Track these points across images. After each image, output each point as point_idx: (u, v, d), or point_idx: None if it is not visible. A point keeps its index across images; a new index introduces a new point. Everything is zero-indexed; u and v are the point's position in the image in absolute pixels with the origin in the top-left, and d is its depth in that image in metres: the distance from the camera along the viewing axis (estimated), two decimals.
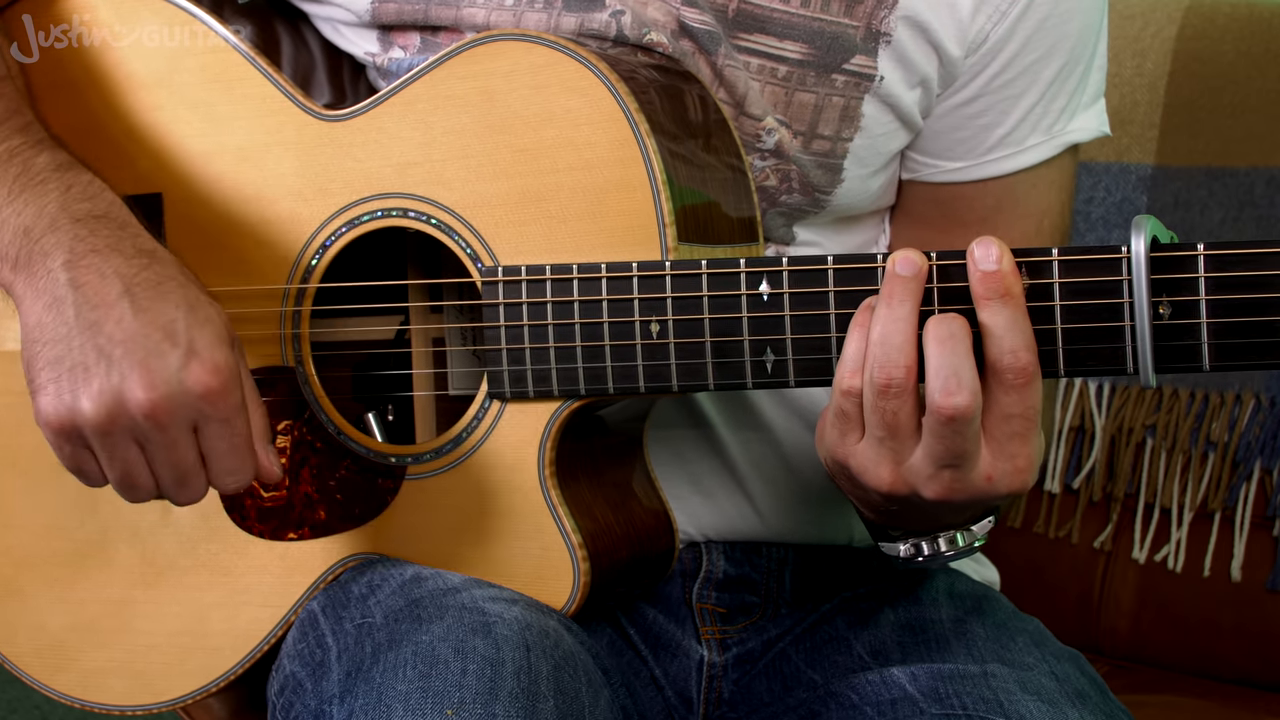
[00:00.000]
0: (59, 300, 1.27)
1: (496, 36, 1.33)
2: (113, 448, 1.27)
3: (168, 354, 1.26)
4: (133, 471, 1.29)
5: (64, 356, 1.26)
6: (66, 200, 1.31)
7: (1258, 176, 2.00)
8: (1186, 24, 2.06)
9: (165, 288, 1.28)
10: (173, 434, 1.26)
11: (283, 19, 1.52)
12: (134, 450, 1.28)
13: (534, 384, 1.33)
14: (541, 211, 1.32)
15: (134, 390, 1.25)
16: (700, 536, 1.53)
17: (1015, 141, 1.47)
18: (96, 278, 1.27)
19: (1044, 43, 1.43)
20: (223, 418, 1.27)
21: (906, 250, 1.21)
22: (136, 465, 1.28)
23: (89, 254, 1.28)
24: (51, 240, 1.29)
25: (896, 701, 1.34)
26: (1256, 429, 1.98)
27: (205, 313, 1.28)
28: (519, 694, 1.22)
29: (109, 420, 1.26)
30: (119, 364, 1.25)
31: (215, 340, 1.27)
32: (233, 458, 1.29)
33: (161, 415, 1.25)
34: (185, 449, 1.27)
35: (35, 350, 1.28)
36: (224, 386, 1.26)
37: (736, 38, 1.41)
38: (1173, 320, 1.17)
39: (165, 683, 1.49)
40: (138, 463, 1.28)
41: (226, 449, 1.28)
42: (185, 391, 1.25)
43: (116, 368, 1.25)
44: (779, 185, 1.44)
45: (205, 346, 1.26)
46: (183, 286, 1.29)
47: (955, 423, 1.18)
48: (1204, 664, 2.01)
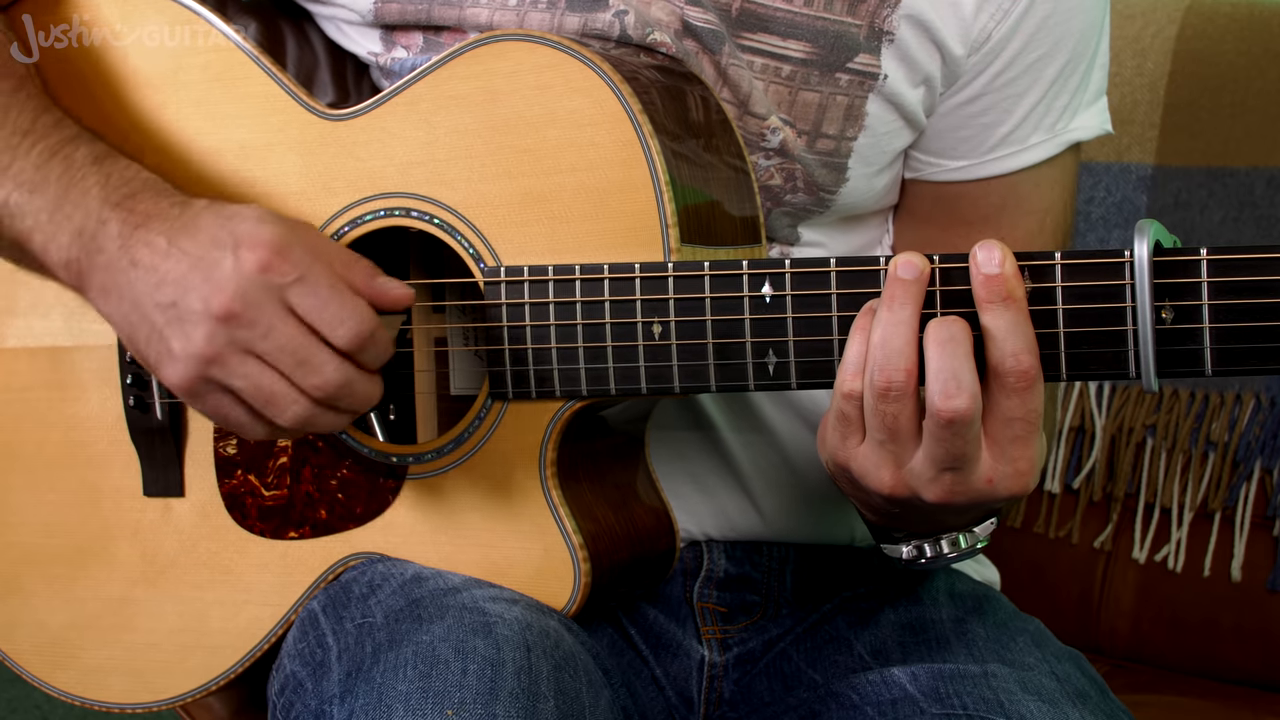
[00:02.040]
0: (125, 285, 1.30)
1: (500, 37, 1.33)
2: (231, 372, 1.28)
3: (219, 258, 1.27)
4: (261, 385, 1.28)
5: (154, 325, 1.30)
6: (107, 191, 1.33)
7: (1258, 176, 2.01)
8: (1186, 24, 2.06)
9: (200, 218, 1.30)
10: (265, 319, 1.26)
11: (287, 18, 1.52)
12: (251, 362, 1.28)
13: (536, 384, 1.33)
14: (544, 212, 1.32)
15: (209, 306, 1.26)
16: (701, 535, 1.53)
17: (1018, 140, 1.47)
18: (144, 247, 1.30)
19: (1046, 41, 1.43)
20: (295, 277, 1.27)
21: (908, 254, 1.21)
22: (261, 375, 1.28)
23: (136, 230, 1.31)
24: (103, 235, 1.32)
25: (897, 701, 1.34)
26: (1256, 429, 1.98)
27: (241, 214, 1.29)
28: (519, 694, 1.22)
29: (210, 344, 1.27)
30: (188, 296, 1.27)
31: (255, 222, 1.28)
32: (330, 307, 1.27)
33: (239, 309, 1.26)
34: (286, 328, 1.27)
35: (134, 339, 1.32)
36: (276, 252, 1.26)
37: (740, 37, 1.41)
38: (1175, 325, 1.17)
39: (165, 681, 1.49)
40: (261, 372, 1.28)
41: (318, 303, 1.27)
42: (246, 276, 1.26)
43: (188, 300, 1.27)
44: (784, 184, 1.44)
45: (247, 232, 1.27)
46: (216, 210, 1.30)
47: (955, 425, 1.18)
48: (1204, 664, 2.01)
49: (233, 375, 1.28)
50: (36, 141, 1.36)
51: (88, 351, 1.49)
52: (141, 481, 1.49)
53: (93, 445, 1.51)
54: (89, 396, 1.51)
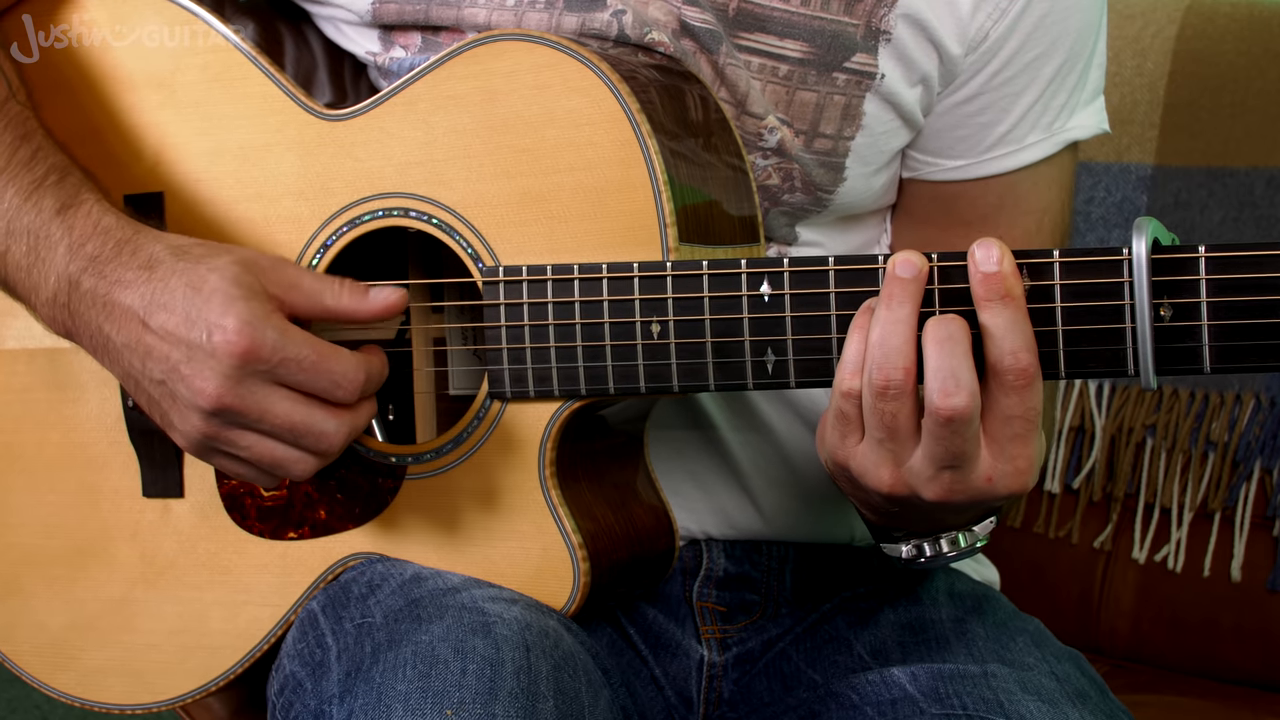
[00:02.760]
0: (114, 351, 1.33)
1: (498, 36, 1.33)
2: (234, 445, 1.30)
3: (197, 343, 1.27)
4: (263, 455, 1.30)
5: (151, 397, 1.32)
6: (72, 252, 1.34)
7: (1258, 176, 2.01)
8: (1186, 24, 2.06)
9: (170, 286, 1.29)
10: (255, 404, 1.27)
11: (285, 18, 1.52)
12: (250, 436, 1.29)
13: (535, 384, 1.33)
14: (542, 211, 1.32)
15: (198, 398, 1.28)
16: (701, 534, 1.53)
17: (1015, 139, 1.47)
18: (121, 316, 1.31)
19: (1043, 40, 1.43)
20: (276, 360, 1.27)
21: (906, 252, 1.21)
22: (261, 446, 1.30)
23: (106, 298, 1.32)
24: (77, 299, 1.33)
25: (897, 701, 1.34)
26: (1256, 429, 1.98)
27: (209, 284, 1.28)
28: (519, 694, 1.22)
29: (207, 427, 1.29)
30: (175, 381, 1.28)
31: (224, 305, 1.27)
32: (322, 377, 1.28)
33: (229, 400, 1.27)
34: (281, 406, 1.28)
35: (138, 399, 1.34)
36: (251, 340, 1.26)
37: (737, 37, 1.41)
38: (1174, 322, 1.17)
39: (165, 682, 1.49)
40: (261, 443, 1.29)
41: (309, 377, 1.28)
42: (226, 366, 1.26)
43: (176, 386, 1.28)
44: (781, 184, 1.44)
45: (217, 316, 1.27)
46: (182, 274, 1.30)
47: (953, 424, 1.18)
48: (1204, 664, 2.01)
49: (235, 448, 1.30)
50: (8, 184, 1.36)
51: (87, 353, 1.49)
52: (141, 482, 1.49)
53: (92, 446, 1.51)
54: (88, 397, 1.51)
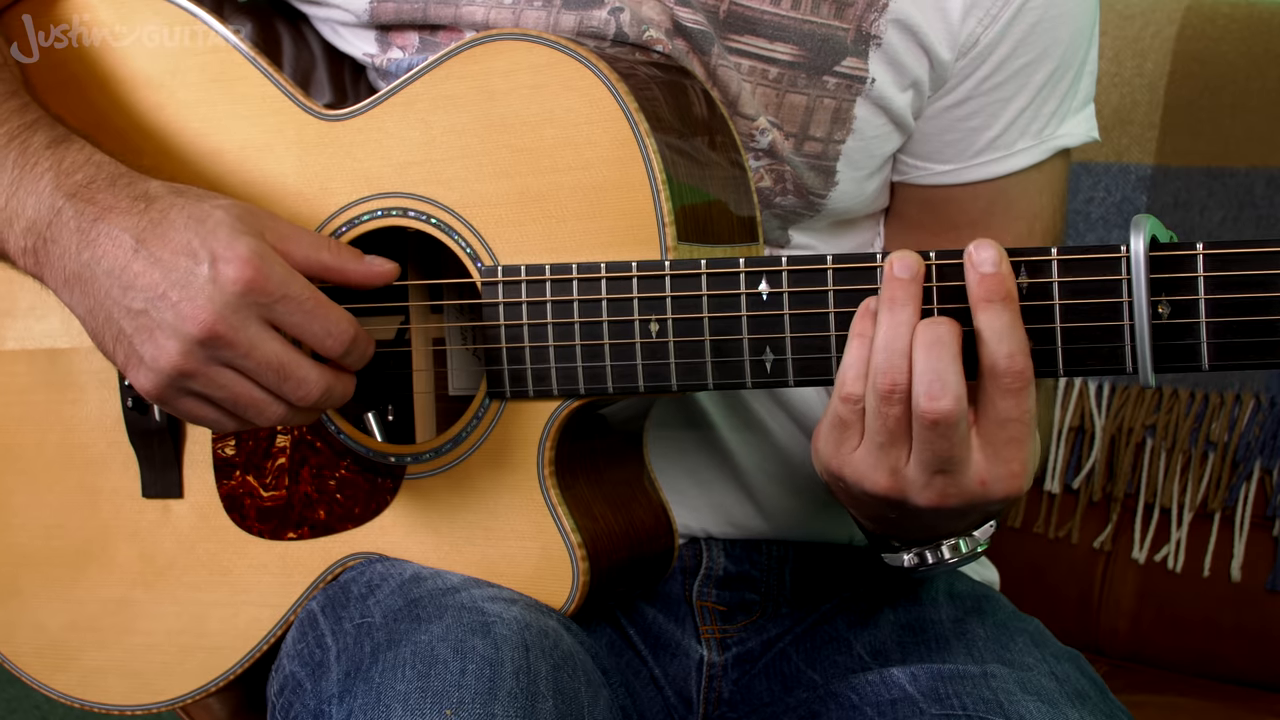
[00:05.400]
0: (89, 280, 1.28)
1: (496, 36, 1.33)
2: (209, 383, 1.27)
3: (195, 271, 1.25)
4: (240, 395, 1.27)
5: (122, 330, 1.28)
6: (60, 179, 1.31)
7: (1258, 176, 2.01)
8: (1186, 24, 2.06)
9: (169, 217, 1.28)
10: (246, 338, 1.25)
11: (283, 19, 1.52)
12: (228, 374, 1.27)
13: (534, 383, 1.33)
14: (541, 211, 1.32)
15: (187, 324, 1.25)
16: (701, 532, 1.53)
17: (1004, 145, 1.47)
18: (108, 242, 1.28)
19: (1035, 47, 1.43)
20: (279, 295, 1.26)
21: (903, 251, 1.21)
22: (239, 386, 1.27)
23: (94, 223, 1.29)
24: (58, 225, 1.30)
25: (896, 702, 1.34)
26: (1256, 429, 1.98)
27: (214, 217, 1.27)
28: (518, 694, 1.22)
29: (186, 360, 1.26)
30: (160, 307, 1.26)
31: (231, 235, 1.26)
32: (316, 321, 1.27)
33: (221, 328, 1.25)
34: (269, 345, 1.26)
35: (100, 336, 1.30)
36: (258, 270, 1.25)
37: (727, 38, 1.41)
38: (1172, 320, 1.17)
39: (165, 682, 1.49)
40: (239, 383, 1.27)
41: (303, 319, 1.27)
42: (228, 295, 1.25)
43: (160, 312, 1.26)
44: (774, 186, 1.44)
45: (224, 246, 1.25)
46: (184, 208, 1.28)
47: (939, 427, 1.18)
48: (1204, 664, 2.01)
49: (209, 386, 1.28)
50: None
51: (86, 353, 1.49)
52: (140, 483, 1.49)
53: (91, 447, 1.51)
54: (87, 398, 1.51)
